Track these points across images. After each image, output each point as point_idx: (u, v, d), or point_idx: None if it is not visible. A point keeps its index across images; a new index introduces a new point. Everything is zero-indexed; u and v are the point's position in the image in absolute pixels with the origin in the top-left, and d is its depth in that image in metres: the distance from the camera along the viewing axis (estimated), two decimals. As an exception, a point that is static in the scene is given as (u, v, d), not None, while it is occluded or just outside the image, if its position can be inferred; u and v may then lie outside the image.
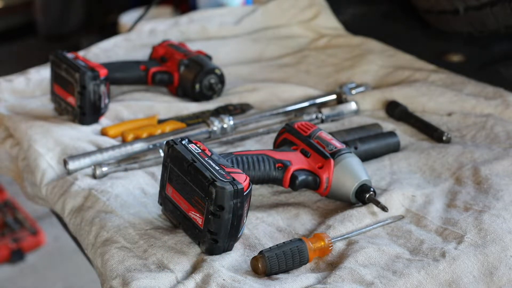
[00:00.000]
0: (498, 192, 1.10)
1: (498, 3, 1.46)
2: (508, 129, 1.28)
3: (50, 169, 1.21)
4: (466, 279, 0.95)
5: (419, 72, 1.50)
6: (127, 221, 1.05)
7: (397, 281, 0.92)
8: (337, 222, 1.04)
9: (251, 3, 2.01)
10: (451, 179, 1.16)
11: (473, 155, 1.20)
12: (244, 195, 0.95)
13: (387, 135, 1.24)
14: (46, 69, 1.49)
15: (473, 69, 1.51)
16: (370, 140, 1.21)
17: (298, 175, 1.08)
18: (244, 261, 0.98)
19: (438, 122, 1.33)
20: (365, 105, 1.40)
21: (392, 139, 1.23)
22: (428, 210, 1.07)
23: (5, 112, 1.37)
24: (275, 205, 1.10)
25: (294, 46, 1.68)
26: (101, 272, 1.00)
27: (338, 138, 1.16)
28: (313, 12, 1.77)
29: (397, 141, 1.23)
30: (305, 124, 1.15)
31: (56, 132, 1.28)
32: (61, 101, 1.34)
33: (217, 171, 0.96)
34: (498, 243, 0.99)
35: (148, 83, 1.43)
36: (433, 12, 1.61)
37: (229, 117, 1.32)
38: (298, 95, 1.44)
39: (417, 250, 0.99)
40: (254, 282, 0.93)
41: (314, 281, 0.93)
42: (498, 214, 1.04)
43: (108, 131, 1.29)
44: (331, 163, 1.08)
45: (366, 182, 1.08)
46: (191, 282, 0.92)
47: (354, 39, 1.69)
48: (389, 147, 1.23)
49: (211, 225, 0.95)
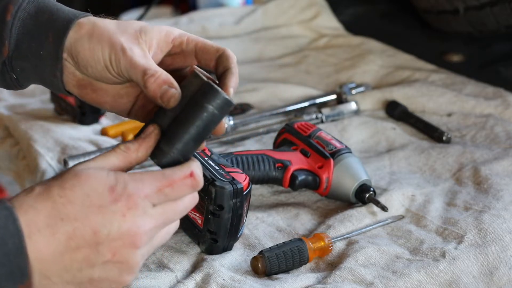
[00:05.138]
0: (498, 192, 1.10)
1: (498, 3, 1.46)
2: (508, 129, 1.28)
3: (50, 169, 1.21)
4: (466, 279, 0.95)
5: (419, 72, 1.50)
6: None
7: (397, 281, 0.92)
8: (337, 222, 1.04)
9: (251, 3, 2.01)
10: (451, 179, 1.16)
11: (473, 155, 1.20)
12: (244, 194, 0.95)
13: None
14: (46, 69, 1.48)
15: (473, 69, 1.51)
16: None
17: (298, 175, 1.08)
18: (244, 261, 0.98)
19: (438, 122, 1.33)
20: (365, 105, 1.40)
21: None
22: (428, 210, 1.07)
23: (5, 112, 1.37)
24: (275, 205, 1.10)
25: (294, 46, 1.68)
26: (101, 272, 1.00)
27: None
28: (313, 12, 1.77)
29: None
30: (305, 124, 1.15)
31: (56, 132, 1.28)
32: (61, 101, 1.34)
33: (217, 171, 0.96)
34: (498, 243, 0.99)
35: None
36: (433, 12, 1.61)
37: (229, 117, 1.32)
38: (298, 95, 1.44)
39: (417, 250, 0.99)
40: (254, 282, 0.93)
41: (314, 281, 0.93)
42: (498, 214, 1.04)
43: (108, 131, 1.29)
44: (331, 163, 1.09)
45: (366, 182, 1.08)
46: (191, 282, 0.92)
47: (354, 39, 1.69)
48: None
49: (211, 224, 0.95)
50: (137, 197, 0.71)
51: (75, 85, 0.84)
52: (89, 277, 0.71)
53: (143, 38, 0.82)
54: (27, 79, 0.86)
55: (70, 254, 0.70)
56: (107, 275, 0.72)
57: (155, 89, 0.78)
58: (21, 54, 0.83)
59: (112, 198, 0.71)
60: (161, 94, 0.78)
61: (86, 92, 0.85)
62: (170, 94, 0.77)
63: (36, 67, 0.83)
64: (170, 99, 0.77)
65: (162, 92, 0.77)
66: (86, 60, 0.81)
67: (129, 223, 0.71)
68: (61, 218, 0.70)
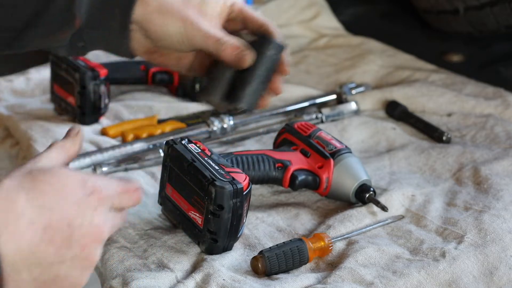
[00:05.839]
0: (498, 192, 1.10)
1: (498, 3, 1.46)
2: (508, 129, 1.28)
3: (50, 169, 1.21)
4: (466, 279, 0.95)
5: (419, 72, 1.50)
6: (127, 221, 1.05)
7: (397, 281, 0.92)
8: (337, 222, 1.04)
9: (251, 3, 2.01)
10: (451, 179, 1.16)
11: (473, 155, 1.20)
12: (244, 194, 0.94)
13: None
14: (46, 69, 1.48)
15: (473, 69, 1.51)
16: None
17: (298, 175, 1.08)
18: (244, 261, 0.98)
19: (438, 122, 1.33)
20: (365, 105, 1.40)
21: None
22: (428, 210, 1.07)
23: (5, 112, 1.37)
24: (275, 205, 1.10)
25: (294, 46, 1.68)
26: (101, 272, 1.00)
27: None
28: (313, 12, 1.77)
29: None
30: (305, 124, 1.15)
31: (56, 132, 1.28)
32: (61, 101, 1.34)
33: (217, 171, 0.96)
34: (498, 243, 0.99)
35: (148, 83, 1.43)
36: (433, 12, 1.61)
37: (229, 117, 1.32)
38: (298, 95, 1.44)
39: (417, 250, 0.99)
40: (254, 282, 0.93)
41: (314, 281, 0.93)
42: (498, 214, 1.04)
43: (108, 131, 1.29)
44: (331, 163, 1.09)
45: (366, 182, 1.08)
46: (191, 282, 0.92)
47: (354, 39, 1.69)
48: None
49: (211, 224, 0.95)
50: (105, 194, 0.72)
51: (143, 51, 0.97)
52: (55, 274, 0.70)
53: (205, 9, 0.94)
54: (93, 47, 0.96)
55: (45, 246, 0.69)
56: (71, 273, 0.71)
57: (230, 54, 0.92)
58: (90, 26, 0.93)
59: (84, 191, 0.71)
60: (237, 57, 0.92)
61: (154, 57, 0.98)
62: (245, 56, 0.93)
63: (104, 36, 0.94)
64: (247, 60, 0.93)
65: (237, 55, 0.92)
66: (158, 35, 0.93)
67: (100, 217, 0.71)
68: (39, 207, 0.69)
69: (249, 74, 0.94)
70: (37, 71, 1.52)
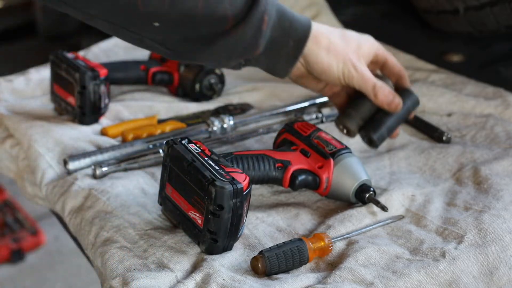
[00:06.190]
0: (498, 192, 1.10)
1: (498, 3, 1.46)
2: (508, 129, 1.28)
3: (50, 169, 1.21)
4: (466, 279, 0.95)
5: (419, 72, 1.50)
6: (127, 221, 1.05)
7: (397, 281, 0.92)
8: (337, 222, 1.04)
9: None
10: (451, 179, 1.16)
11: (473, 155, 1.20)
12: (244, 194, 0.95)
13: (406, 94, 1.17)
14: (46, 69, 1.48)
15: (473, 69, 1.51)
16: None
17: (297, 175, 1.08)
18: (244, 261, 0.98)
19: (438, 122, 1.33)
20: (365, 105, 1.40)
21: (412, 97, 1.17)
22: (428, 210, 1.07)
23: (5, 112, 1.37)
24: (275, 205, 1.10)
25: (294, 46, 1.68)
26: (101, 272, 1.00)
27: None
28: (313, 12, 1.77)
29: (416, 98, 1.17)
30: (305, 124, 1.15)
31: (56, 132, 1.28)
32: (61, 101, 1.34)
33: (217, 171, 0.96)
34: (498, 243, 0.99)
35: (148, 83, 1.43)
36: (433, 12, 1.61)
37: (229, 117, 1.32)
38: (298, 95, 1.43)
39: (417, 250, 0.99)
40: (254, 282, 0.93)
41: (314, 281, 0.94)
42: (498, 214, 1.04)
43: (108, 131, 1.29)
44: (331, 163, 1.09)
45: (366, 182, 1.08)
46: (191, 282, 0.92)
47: (354, 39, 1.69)
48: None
49: (211, 224, 0.95)
50: None
51: (295, 75, 1.10)
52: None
53: (360, 53, 1.08)
54: (253, 66, 1.06)
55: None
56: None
57: (383, 99, 1.09)
58: (265, 54, 1.02)
59: None
60: (389, 102, 1.09)
61: (301, 81, 1.12)
62: (398, 105, 1.11)
63: (272, 62, 1.04)
64: (398, 106, 1.11)
65: (389, 101, 1.09)
66: (320, 68, 1.07)
67: None
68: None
69: (389, 116, 1.12)
70: (37, 71, 1.52)
